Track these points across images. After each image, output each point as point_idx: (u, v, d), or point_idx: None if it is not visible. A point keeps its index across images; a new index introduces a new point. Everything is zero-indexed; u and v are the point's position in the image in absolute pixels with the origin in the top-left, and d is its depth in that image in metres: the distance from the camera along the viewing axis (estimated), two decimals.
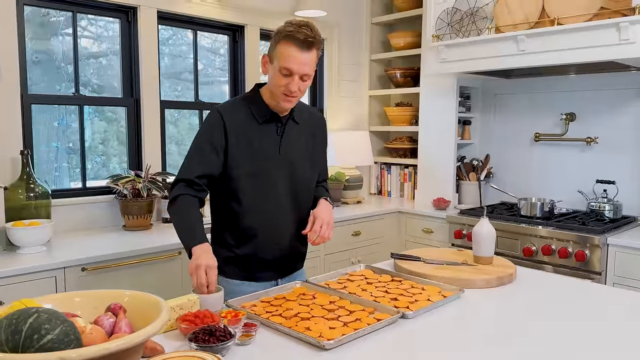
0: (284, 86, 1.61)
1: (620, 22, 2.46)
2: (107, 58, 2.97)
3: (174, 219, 1.67)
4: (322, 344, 1.26)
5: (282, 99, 1.65)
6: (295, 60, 1.58)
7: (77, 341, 0.93)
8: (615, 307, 1.61)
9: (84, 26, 2.89)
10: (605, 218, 2.98)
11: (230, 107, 1.73)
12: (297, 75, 1.60)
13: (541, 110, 3.47)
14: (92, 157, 2.95)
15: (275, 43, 1.62)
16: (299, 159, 1.78)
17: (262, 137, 1.71)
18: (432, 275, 1.82)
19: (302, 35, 1.56)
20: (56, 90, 2.78)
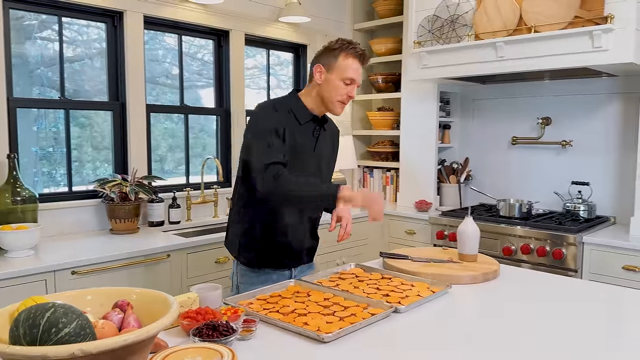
0: (345, 94, 1.85)
1: (593, 30, 2.59)
2: (81, 63, 2.95)
3: (294, 187, 1.72)
4: (321, 337, 1.31)
5: (339, 105, 1.87)
6: (357, 71, 1.85)
7: (92, 335, 0.96)
8: (592, 299, 1.70)
9: (56, 30, 2.87)
10: (580, 218, 3.10)
11: (279, 105, 1.89)
12: (356, 84, 1.87)
13: (518, 115, 3.60)
14: (64, 163, 2.91)
15: (334, 56, 1.84)
16: (324, 160, 2.00)
17: (302, 135, 1.89)
18: (420, 272, 1.88)
19: (361, 51, 1.85)
20: (31, 94, 2.75)
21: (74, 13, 2.80)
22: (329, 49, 1.86)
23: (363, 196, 1.76)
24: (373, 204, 1.77)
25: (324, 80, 1.86)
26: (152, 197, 2.87)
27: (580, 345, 1.33)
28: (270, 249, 1.92)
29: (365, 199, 1.76)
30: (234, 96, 3.48)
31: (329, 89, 1.85)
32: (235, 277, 1.99)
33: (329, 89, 1.85)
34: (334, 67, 1.84)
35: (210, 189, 3.33)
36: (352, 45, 1.84)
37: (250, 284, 1.92)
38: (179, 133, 3.37)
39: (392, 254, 2.08)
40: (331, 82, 1.84)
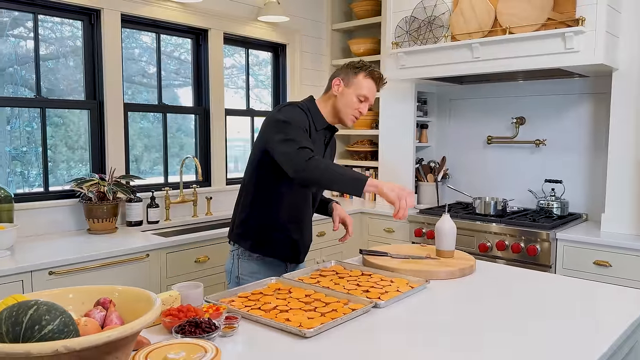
0: (357, 109, 1.98)
1: (565, 32, 2.66)
2: (55, 61, 2.92)
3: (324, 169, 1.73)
4: (303, 333, 1.33)
5: (351, 118, 2.00)
6: (372, 92, 1.99)
7: (75, 332, 0.96)
8: (564, 293, 1.76)
9: (30, 28, 2.83)
10: (554, 215, 3.18)
11: (302, 107, 1.97)
12: (369, 103, 1.99)
13: (493, 115, 3.67)
14: (38, 164, 2.88)
15: (355, 73, 1.96)
16: None
17: (316, 140, 2.00)
18: (399, 268, 1.92)
19: (379, 75, 1.99)
20: (3, 93, 2.70)
21: (50, 10, 2.76)
22: (350, 66, 1.98)
23: (391, 188, 1.71)
24: (402, 199, 1.70)
25: (340, 92, 1.97)
26: (130, 196, 2.85)
27: (554, 337, 1.37)
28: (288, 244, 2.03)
29: (394, 192, 1.70)
30: (213, 95, 3.48)
31: (344, 102, 1.97)
32: (234, 268, 2.02)
33: (344, 101, 1.97)
34: (352, 83, 1.96)
35: (189, 188, 3.32)
36: (373, 68, 1.98)
37: (254, 275, 1.98)
38: (153, 133, 3.35)
39: (372, 251, 2.11)
40: (347, 95, 1.96)
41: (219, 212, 3.44)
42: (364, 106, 1.98)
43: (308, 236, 2.10)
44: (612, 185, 2.87)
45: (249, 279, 1.98)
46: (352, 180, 1.72)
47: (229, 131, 3.69)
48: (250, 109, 3.87)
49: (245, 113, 3.83)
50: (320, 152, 2.02)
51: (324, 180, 1.75)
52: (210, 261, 2.77)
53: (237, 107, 3.79)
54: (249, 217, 1.99)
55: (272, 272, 2.01)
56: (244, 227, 2.00)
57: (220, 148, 3.54)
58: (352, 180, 1.72)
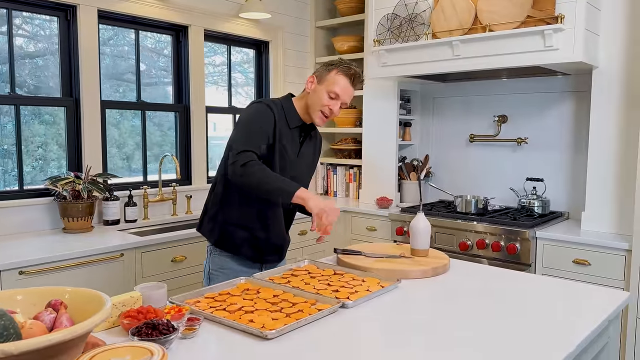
0: (327, 106, 1.92)
1: (544, 29, 2.65)
2: (44, 58, 2.89)
3: (257, 176, 1.77)
4: (264, 334, 1.31)
5: (319, 116, 1.95)
6: (344, 89, 1.92)
7: (16, 335, 0.93)
8: (537, 292, 1.75)
9: (18, 24, 2.80)
10: (535, 213, 3.18)
11: (273, 105, 1.95)
12: (341, 102, 1.93)
13: (475, 113, 3.66)
14: (29, 162, 2.86)
15: (328, 70, 1.93)
16: (304, 166, 2.07)
17: (289, 139, 1.97)
18: (372, 267, 1.90)
19: (354, 71, 1.93)
20: None
21: (25, 6, 2.72)
22: (326, 64, 1.97)
23: (317, 203, 1.76)
24: (324, 214, 1.74)
25: (312, 90, 1.95)
26: (106, 195, 2.81)
27: (522, 336, 1.36)
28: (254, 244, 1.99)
29: (318, 207, 1.75)
30: (194, 92, 3.44)
31: (314, 98, 1.94)
32: (207, 263, 2.03)
33: (315, 97, 1.94)
34: (324, 80, 1.94)
35: (169, 186, 3.28)
36: (349, 65, 1.93)
37: (223, 271, 1.97)
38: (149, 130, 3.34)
39: (346, 250, 2.09)
40: (318, 92, 1.94)
41: (199, 210, 3.38)
42: (334, 104, 1.93)
43: (277, 236, 2.04)
44: (592, 183, 2.86)
45: (219, 275, 1.97)
46: (282, 190, 1.78)
47: (213, 129, 3.66)
48: (232, 107, 3.83)
49: (227, 110, 3.79)
50: (294, 150, 1.99)
51: (257, 187, 1.79)
52: (187, 261, 2.74)
53: (221, 104, 3.75)
54: (217, 213, 2.00)
55: (245, 269, 1.99)
56: (212, 222, 2.01)
57: (201, 146, 3.50)
58: (282, 190, 1.78)
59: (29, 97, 2.79)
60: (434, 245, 3.16)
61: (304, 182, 2.04)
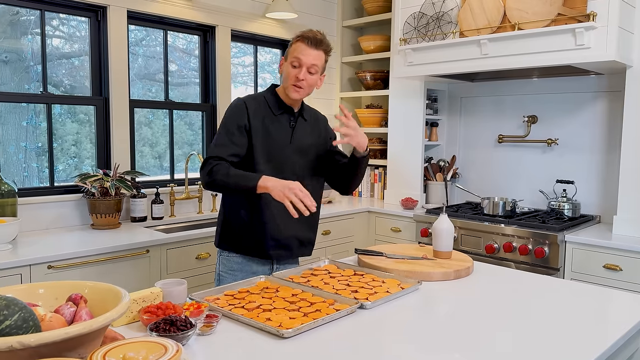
0: (294, 76, 1.88)
1: (576, 27, 2.58)
2: (80, 59, 2.96)
3: (222, 181, 1.80)
4: (281, 333, 1.31)
5: (292, 89, 1.91)
6: (304, 52, 1.87)
7: (35, 327, 0.96)
8: (560, 297, 1.70)
9: (55, 26, 2.88)
10: (565, 217, 3.09)
11: (251, 98, 1.97)
12: (304, 66, 1.88)
13: (505, 113, 3.59)
14: (64, 159, 2.94)
15: (290, 45, 1.93)
16: (306, 149, 2.02)
17: (277, 126, 1.95)
18: (393, 269, 1.88)
19: (311, 35, 1.89)
20: (26, 90, 2.77)
21: (57, 7, 2.79)
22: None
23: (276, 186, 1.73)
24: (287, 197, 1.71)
25: (282, 70, 1.96)
26: (132, 192, 2.87)
27: (540, 342, 1.32)
28: (252, 239, 1.95)
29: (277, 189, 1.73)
30: (220, 92, 3.48)
31: (284, 76, 1.94)
32: (216, 266, 2.04)
33: (284, 75, 1.94)
34: (287, 54, 1.94)
35: (195, 185, 3.32)
36: (306, 31, 1.91)
37: (231, 273, 1.97)
38: (178, 130, 3.39)
39: (367, 251, 2.08)
40: (285, 68, 1.93)
41: None
42: (299, 71, 1.88)
43: (283, 228, 1.95)
44: (625, 186, 2.77)
45: (227, 277, 1.97)
46: (245, 187, 1.79)
47: None
48: None
49: None
50: (287, 135, 1.96)
51: (225, 190, 1.83)
52: (211, 258, 2.77)
53: None
54: (221, 214, 2.02)
55: (255, 271, 1.98)
56: (219, 225, 2.03)
57: None
58: (245, 187, 1.79)
59: (60, 96, 2.86)
60: (459, 248, 3.11)
61: (306, 167, 2.01)
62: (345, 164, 2.07)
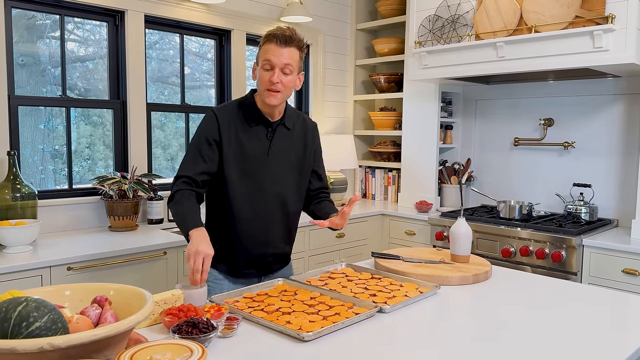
0: (268, 80, 1.72)
1: (594, 30, 2.56)
2: (94, 62, 3.00)
3: (172, 210, 1.74)
4: (301, 336, 1.31)
5: (266, 94, 1.75)
6: (274, 52, 1.71)
7: (64, 329, 0.97)
8: (578, 301, 1.68)
9: (70, 30, 2.92)
10: (582, 220, 3.07)
11: (224, 108, 1.84)
12: (277, 67, 1.72)
13: (520, 116, 3.57)
14: (78, 161, 2.98)
15: (259, 47, 1.78)
16: (286, 164, 1.88)
17: (252, 139, 1.82)
18: (410, 272, 1.88)
19: (280, 32, 1.73)
20: (42, 93, 2.81)
21: (76, 12, 2.83)
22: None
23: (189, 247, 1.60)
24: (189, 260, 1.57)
25: (256, 76, 1.80)
26: (150, 194, 2.89)
27: (560, 348, 1.31)
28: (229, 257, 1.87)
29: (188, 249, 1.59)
30: (236, 95, 3.50)
31: (258, 81, 1.78)
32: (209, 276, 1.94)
33: (258, 80, 1.77)
34: (258, 58, 1.78)
35: None
36: (273, 30, 1.75)
37: (218, 282, 1.89)
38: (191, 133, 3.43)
39: (384, 254, 2.08)
40: (257, 73, 1.78)
41: None
42: (271, 74, 1.72)
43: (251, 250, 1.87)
44: None
45: (214, 287, 1.87)
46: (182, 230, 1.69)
47: None
48: None
49: None
50: (263, 148, 1.82)
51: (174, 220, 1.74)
52: None
53: None
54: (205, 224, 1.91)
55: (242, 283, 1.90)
56: None
57: None
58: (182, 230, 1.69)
59: (79, 100, 2.90)
60: (475, 252, 3.10)
61: (289, 182, 1.88)
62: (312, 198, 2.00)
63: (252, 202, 1.83)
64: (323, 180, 2.04)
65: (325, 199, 2.02)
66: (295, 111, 1.96)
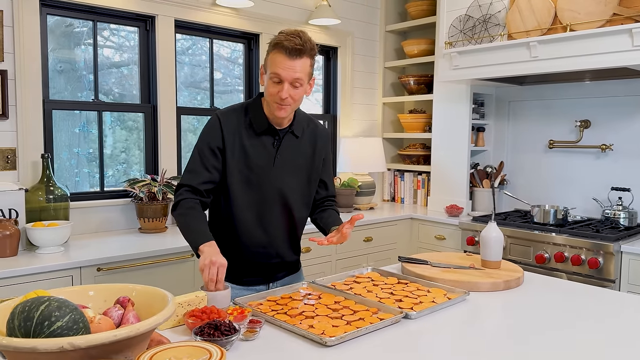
0: (276, 94, 1.63)
1: (633, 28, 2.46)
2: (129, 68, 3.06)
3: (179, 221, 1.69)
4: (324, 341, 1.29)
5: (275, 107, 1.67)
6: (284, 66, 1.60)
7: (85, 329, 0.98)
8: (613, 308, 1.60)
9: (106, 36, 2.99)
10: (620, 226, 2.94)
11: (230, 112, 1.75)
12: (286, 82, 1.62)
13: (555, 117, 3.46)
14: (113, 165, 3.05)
15: (268, 53, 1.66)
16: (294, 173, 1.80)
17: (258, 147, 1.74)
18: (439, 278, 1.83)
19: (290, 44, 1.59)
20: (78, 98, 2.88)
21: (108, 18, 2.89)
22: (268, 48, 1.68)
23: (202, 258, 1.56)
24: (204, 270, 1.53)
25: (263, 83, 1.71)
26: None
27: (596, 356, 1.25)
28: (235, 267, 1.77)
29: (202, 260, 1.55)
30: None
31: (267, 91, 1.68)
32: None
33: (267, 91, 1.68)
34: (266, 66, 1.67)
35: None
36: (282, 37, 1.61)
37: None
38: None
39: (411, 259, 2.04)
40: (266, 83, 1.67)
41: None
42: (280, 88, 1.62)
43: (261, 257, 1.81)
44: None
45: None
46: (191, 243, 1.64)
47: None
48: None
49: None
50: (269, 157, 1.74)
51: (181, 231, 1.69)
52: None
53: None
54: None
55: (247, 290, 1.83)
56: None
57: None
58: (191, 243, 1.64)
59: (110, 104, 2.95)
60: (507, 257, 3.01)
61: (295, 191, 1.80)
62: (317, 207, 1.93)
63: (256, 211, 1.76)
64: (330, 189, 1.96)
65: (330, 207, 1.94)
66: (306, 117, 1.87)
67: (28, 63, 2.54)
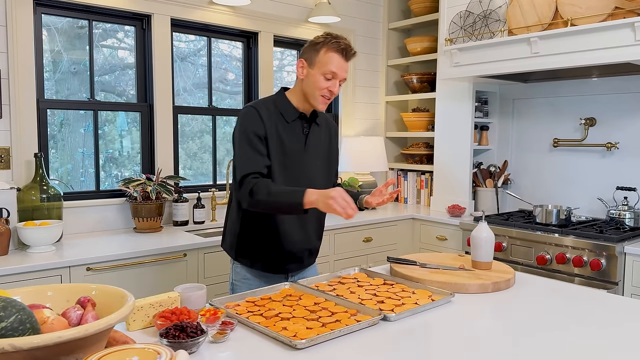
0: (326, 88, 1.80)
1: (635, 21, 2.38)
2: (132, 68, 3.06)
3: (264, 202, 1.70)
4: (294, 344, 1.25)
5: (321, 100, 1.82)
6: (339, 66, 1.79)
7: (33, 330, 0.95)
8: (618, 312, 1.54)
9: (120, 38, 3.00)
10: (625, 226, 2.85)
11: (261, 104, 1.86)
12: (338, 79, 1.81)
13: (560, 115, 3.38)
14: (131, 166, 3.07)
15: (317, 50, 1.80)
16: (319, 157, 1.95)
17: (290, 134, 1.86)
18: (426, 279, 1.78)
19: (344, 45, 1.80)
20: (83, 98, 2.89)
21: (104, 17, 2.88)
22: (312, 44, 1.83)
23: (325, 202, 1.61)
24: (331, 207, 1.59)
25: (305, 75, 1.83)
26: (173, 196, 2.90)
27: None
28: (268, 254, 1.88)
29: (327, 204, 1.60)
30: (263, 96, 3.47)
31: (310, 84, 1.82)
32: (230, 274, 1.98)
33: (311, 84, 1.81)
34: (315, 62, 1.81)
35: None
36: (336, 39, 1.80)
37: (246, 281, 1.92)
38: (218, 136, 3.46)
39: (399, 259, 1.99)
40: (312, 76, 1.81)
41: None
42: (332, 84, 1.80)
43: (299, 242, 1.90)
44: None
45: (242, 285, 1.91)
46: (291, 206, 1.67)
47: None
48: None
49: None
50: (299, 145, 1.87)
51: (270, 211, 1.75)
52: None
53: None
54: (234, 227, 1.91)
55: (268, 278, 1.92)
56: (231, 236, 1.93)
57: None
58: (291, 206, 1.67)
59: (106, 103, 2.95)
60: (508, 259, 2.94)
61: (320, 177, 1.93)
62: None
63: None
64: (335, 175, 2.10)
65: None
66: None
67: (22, 62, 2.55)
